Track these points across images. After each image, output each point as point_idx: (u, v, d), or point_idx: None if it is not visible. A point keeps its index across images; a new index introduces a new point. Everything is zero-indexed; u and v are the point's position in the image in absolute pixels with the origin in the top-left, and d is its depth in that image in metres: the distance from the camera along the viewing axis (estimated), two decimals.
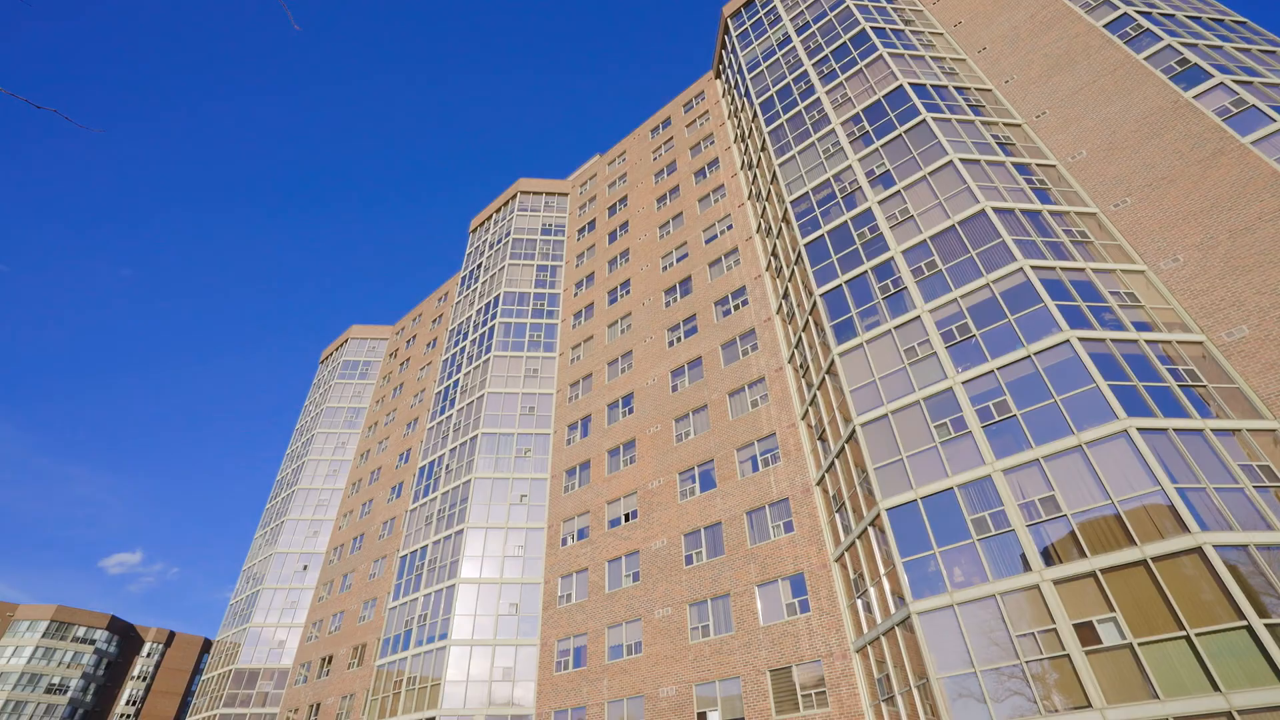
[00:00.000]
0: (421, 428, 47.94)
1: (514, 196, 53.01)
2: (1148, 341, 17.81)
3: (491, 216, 54.97)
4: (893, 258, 23.19)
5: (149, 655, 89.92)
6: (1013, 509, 16.49)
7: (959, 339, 19.87)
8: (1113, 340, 17.69)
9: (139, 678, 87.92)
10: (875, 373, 21.30)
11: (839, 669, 20.57)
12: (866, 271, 23.77)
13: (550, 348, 42.22)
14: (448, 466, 39.25)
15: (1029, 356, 18.11)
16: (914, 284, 21.95)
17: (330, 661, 41.70)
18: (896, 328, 21.61)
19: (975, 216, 21.74)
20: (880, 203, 24.97)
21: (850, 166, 27.18)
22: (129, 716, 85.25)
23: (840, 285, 24.36)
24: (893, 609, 18.18)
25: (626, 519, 30.31)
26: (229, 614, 54.51)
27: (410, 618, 34.37)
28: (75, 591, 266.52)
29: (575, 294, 43.86)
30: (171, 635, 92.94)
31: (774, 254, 30.94)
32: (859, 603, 20.43)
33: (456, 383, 44.16)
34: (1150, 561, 14.20)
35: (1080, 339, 17.56)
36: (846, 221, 25.76)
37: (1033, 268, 19.52)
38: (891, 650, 18.17)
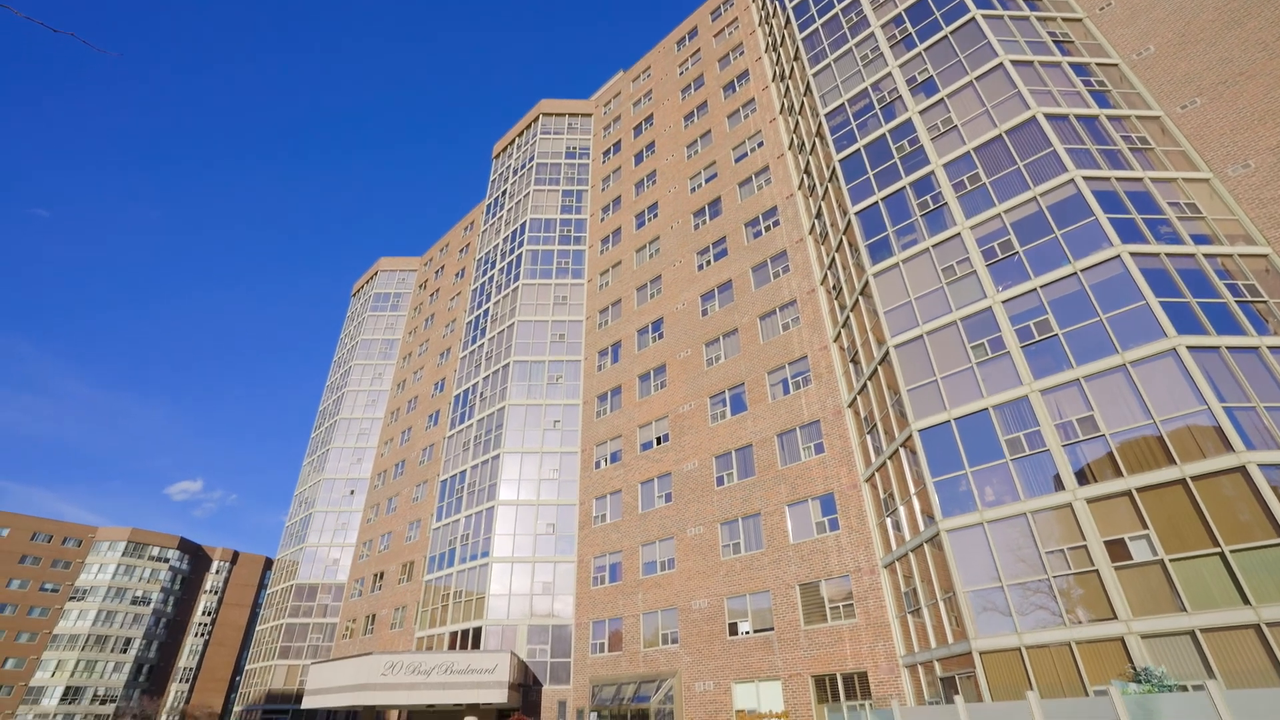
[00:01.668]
0: (454, 357, 48.86)
1: (536, 119, 51.42)
2: (1206, 255, 16.87)
3: (514, 141, 53.61)
4: (933, 172, 22.07)
5: (218, 572, 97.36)
6: (1049, 429, 16.29)
7: (1000, 256, 19.10)
8: (1167, 255, 16.79)
9: (211, 592, 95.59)
10: (911, 293, 20.75)
11: (866, 584, 21.21)
12: (905, 187, 22.73)
13: (578, 274, 42.01)
14: (482, 394, 40.21)
15: (1075, 273, 17.36)
16: (955, 199, 20.96)
17: (381, 577, 44.56)
18: (934, 246, 20.84)
19: (1025, 124, 20.39)
20: (921, 112, 23.54)
21: (890, 74, 25.50)
22: (206, 625, 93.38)
23: (876, 203, 23.41)
24: (922, 527, 18.46)
25: (658, 442, 30.92)
26: (286, 535, 58.24)
27: (453, 537, 36.24)
28: (146, 516, 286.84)
29: (602, 219, 43.12)
30: (236, 554, 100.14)
31: (807, 171, 29.73)
32: (888, 521, 20.79)
33: (487, 312, 44.53)
34: (1189, 480, 14.02)
35: (1132, 253, 16.71)
36: (884, 134, 24.45)
37: (1085, 179, 18.40)
38: (919, 566, 18.59)
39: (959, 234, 20.34)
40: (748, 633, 23.65)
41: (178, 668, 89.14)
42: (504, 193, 50.91)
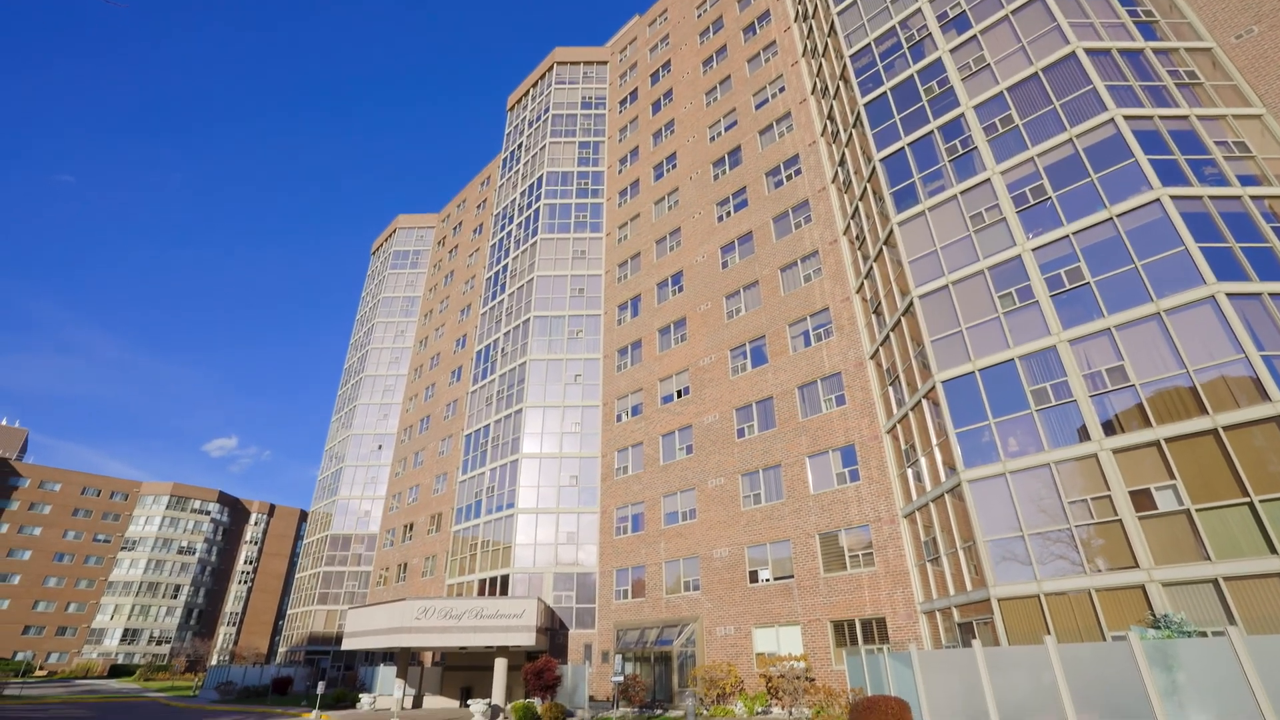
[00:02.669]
0: (475, 313, 49.14)
1: (551, 68, 50.10)
2: (1253, 197, 16.11)
3: (528, 92, 52.43)
4: (963, 114, 21.19)
5: (256, 524, 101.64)
6: (1076, 380, 16.03)
7: (1032, 202, 18.46)
8: (1210, 197, 16.07)
9: (251, 542, 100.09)
10: (936, 242, 20.23)
11: (886, 533, 21.44)
12: (933, 131, 21.89)
13: (597, 228, 41.60)
14: (503, 350, 40.58)
15: (1111, 219, 16.74)
16: (985, 143, 20.16)
17: (411, 528, 46.11)
18: (963, 192, 20.18)
19: (1063, 60, 19.36)
20: (952, 51, 22.45)
21: (919, 10, 24.25)
22: (248, 573, 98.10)
23: (902, 148, 22.62)
24: (943, 478, 18.48)
25: (679, 395, 31.09)
26: (319, 488, 60.26)
27: (479, 489, 37.21)
28: (187, 472, 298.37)
29: (619, 170, 42.37)
30: (273, 507, 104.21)
31: (830, 117, 28.73)
32: (909, 472, 20.83)
33: (506, 267, 44.50)
34: (1221, 430, 13.77)
35: (1173, 196, 16.02)
36: (913, 75, 23.42)
37: (1125, 118, 17.53)
38: (939, 516, 18.70)
39: (989, 179, 19.65)
40: (768, 580, 24.18)
41: (224, 612, 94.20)
42: (520, 146, 50.12)
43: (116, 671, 74.81)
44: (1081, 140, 18.06)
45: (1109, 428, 15.30)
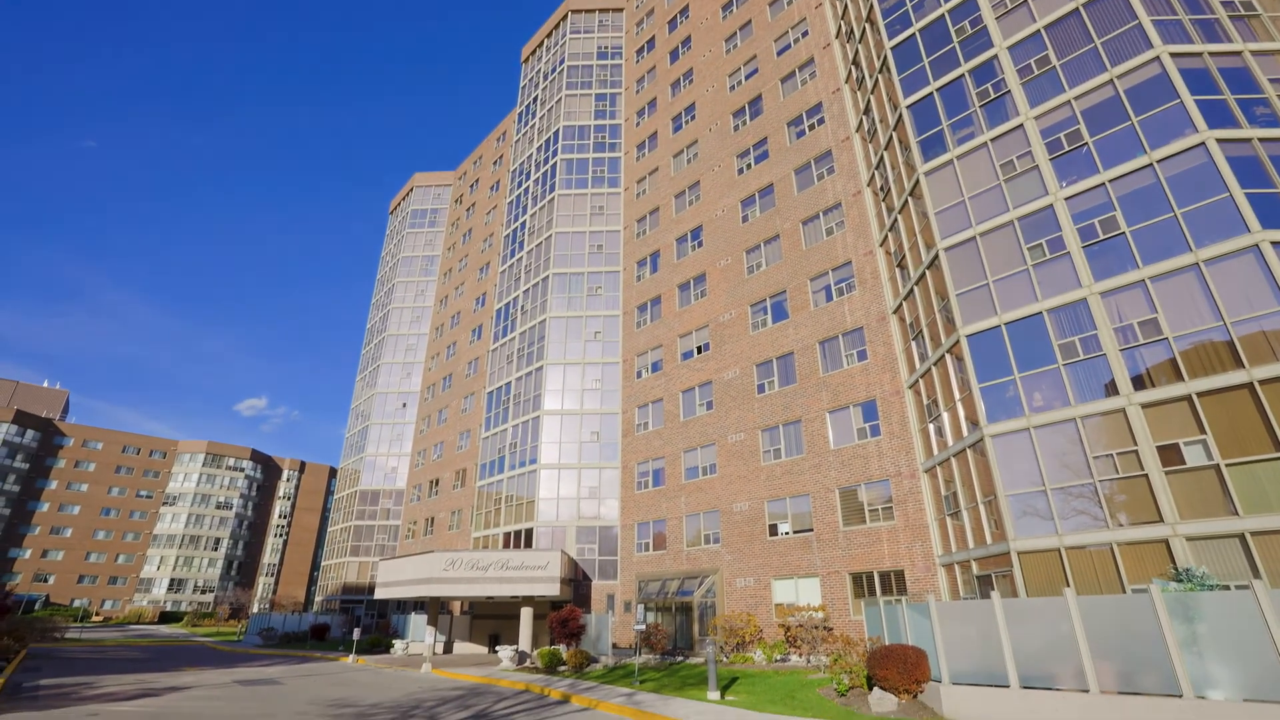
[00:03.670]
0: (494, 271, 49.15)
1: (565, 17, 48.59)
2: None
3: (543, 43, 51.04)
4: (996, 56, 20.21)
5: (288, 480, 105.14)
6: (1106, 333, 15.65)
7: (1067, 148, 17.71)
8: (1260, 139, 15.25)
9: (284, 498, 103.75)
10: (964, 192, 19.60)
11: (906, 487, 21.49)
12: (963, 75, 20.95)
13: (614, 183, 40.96)
14: (523, 308, 40.67)
15: (1150, 164, 16.03)
16: (1019, 86, 19.27)
17: (437, 484, 47.30)
18: (993, 140, 19.42)
19: None
20: None
21: None
22: (283, 527, 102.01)
23: (931, 94, 21.73)
24: (965, 432, 18.36)
25: (699, 351, 31.04)
26: (346, 446, 61.85)
27: (502, 446, 37.90)
28: (221, 431, 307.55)
29: (637, 123, 41.42)
30: (303, 464, 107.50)
31: (855, 63, 27.61)
32: (931, 427, 20.73)
33: (524, 224, 44.21)
34: (1257, 384, 13.42)
35: (1219, 139, 15.25)
36: (943, 15, 22.30)
37: (1172, 55, 16.58)
38: (961, 471, 18.66)
39: (1021, 125, 18.85)
40: (787, 533, 24.51)
41: (262, 563, 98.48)
42: (535, 99, 49.11)
43: (165, 618, 79.11)
44: (1123, 81, 17.17)
45: (1139, 382, 14.99)
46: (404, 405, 56.07)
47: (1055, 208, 17.40)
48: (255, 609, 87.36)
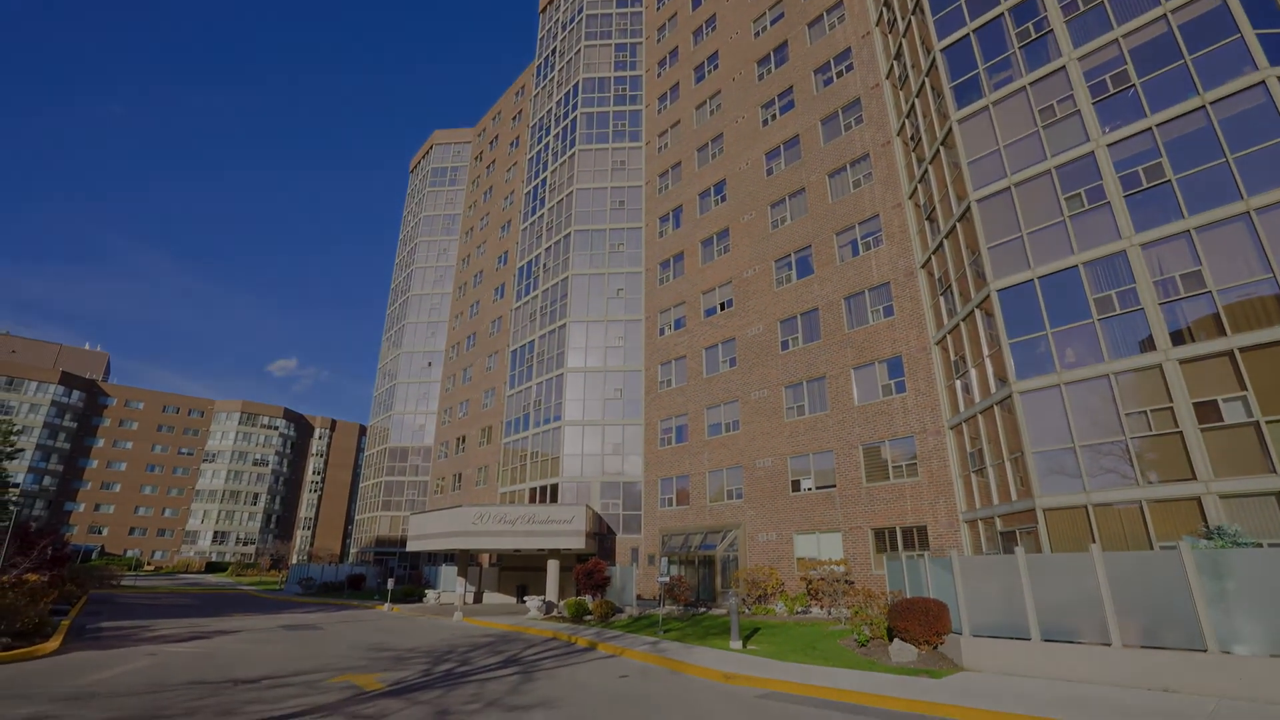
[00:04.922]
0: (515, 229, 48.92)
1: None
2: None
3: None
4: None
5: (320, 438, 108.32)
6: (1145, 287, 15.11)
7: (1112, 91, 16.79)
8: None
9: (317, 455, 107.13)
10: (1000, 140, 18.79)
11: (931, 444, 21.36)
12: (1002, 14, 19.84)
13: (636, 137, 40.12)
14: (545, 265, 40.58)
15: (1203, 107, 15.15)
16: (1062, 24, 18.20)
17: (464, 441, 48.28)
18: (1032, 83, 18.48)
19: None
20: None
21: None
22: (317, 483, 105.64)
23: (967, 35, 20.65)
24: (993, 389, 18.08)
25: (722, 308, 30.80)
26: (375, 404, 63.23)
27: (526, 403, 38.39)
28: (252, 391, 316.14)
29: (659, 74, 40.24)
30: (334, 423, 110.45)
31: (886, 4, 26.29)
32: (958, 384, 20.44)
33: (545, 181, 43.72)
34: None
35: None
36: None
37: None
38: (987, 427, 18.45)
39: (1063, 67, 17.88)
40: (810, 489, 24.66)
41: (299, 518, 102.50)
42: (554, 51, 47.87)
43: (211, 568, 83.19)
44: (1177, 16, 16.11)
45: (1178, 337, 14.53)
46: (429, 364, 56.90)
47: (1096, 155, 16.62)
48: (294, 560, 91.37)
